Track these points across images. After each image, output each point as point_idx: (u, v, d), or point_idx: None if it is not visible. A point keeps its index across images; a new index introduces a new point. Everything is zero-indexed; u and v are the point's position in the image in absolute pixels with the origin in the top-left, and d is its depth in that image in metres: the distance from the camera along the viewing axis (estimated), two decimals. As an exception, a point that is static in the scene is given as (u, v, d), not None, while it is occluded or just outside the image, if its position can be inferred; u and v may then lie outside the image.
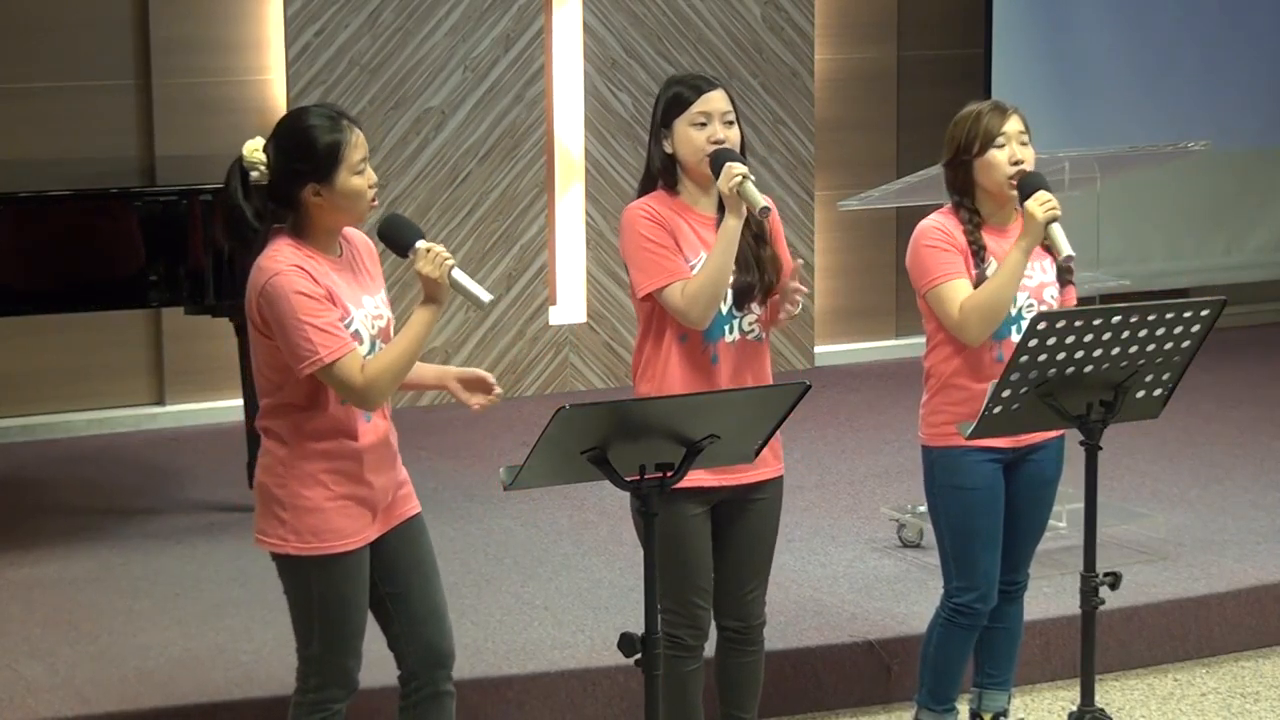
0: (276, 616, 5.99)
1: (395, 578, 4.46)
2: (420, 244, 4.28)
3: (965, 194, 5.01)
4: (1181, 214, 10.10)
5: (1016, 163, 4.94)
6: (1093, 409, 4.68)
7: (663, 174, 4.75)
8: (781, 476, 4.87)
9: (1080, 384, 4.62)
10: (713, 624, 4.86)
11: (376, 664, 5.51)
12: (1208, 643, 6.21)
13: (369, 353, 4.31)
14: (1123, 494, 7.19)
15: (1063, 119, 9.49)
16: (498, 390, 4.53)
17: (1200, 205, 10.14)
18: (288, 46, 8.53)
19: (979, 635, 5.20)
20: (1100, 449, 4.73)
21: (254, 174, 4.31)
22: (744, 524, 4.81)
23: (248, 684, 5.46)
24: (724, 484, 4.73)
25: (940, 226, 5.00)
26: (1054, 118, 9.46)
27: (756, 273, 4.73)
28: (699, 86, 4.71)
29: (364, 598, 4.43)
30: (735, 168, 4.59)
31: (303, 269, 4.24)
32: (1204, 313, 4.63)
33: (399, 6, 8.67)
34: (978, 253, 4.95)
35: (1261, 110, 10.15)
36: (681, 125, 4.69)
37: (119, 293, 6.71)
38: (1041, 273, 5.02)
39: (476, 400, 4.53)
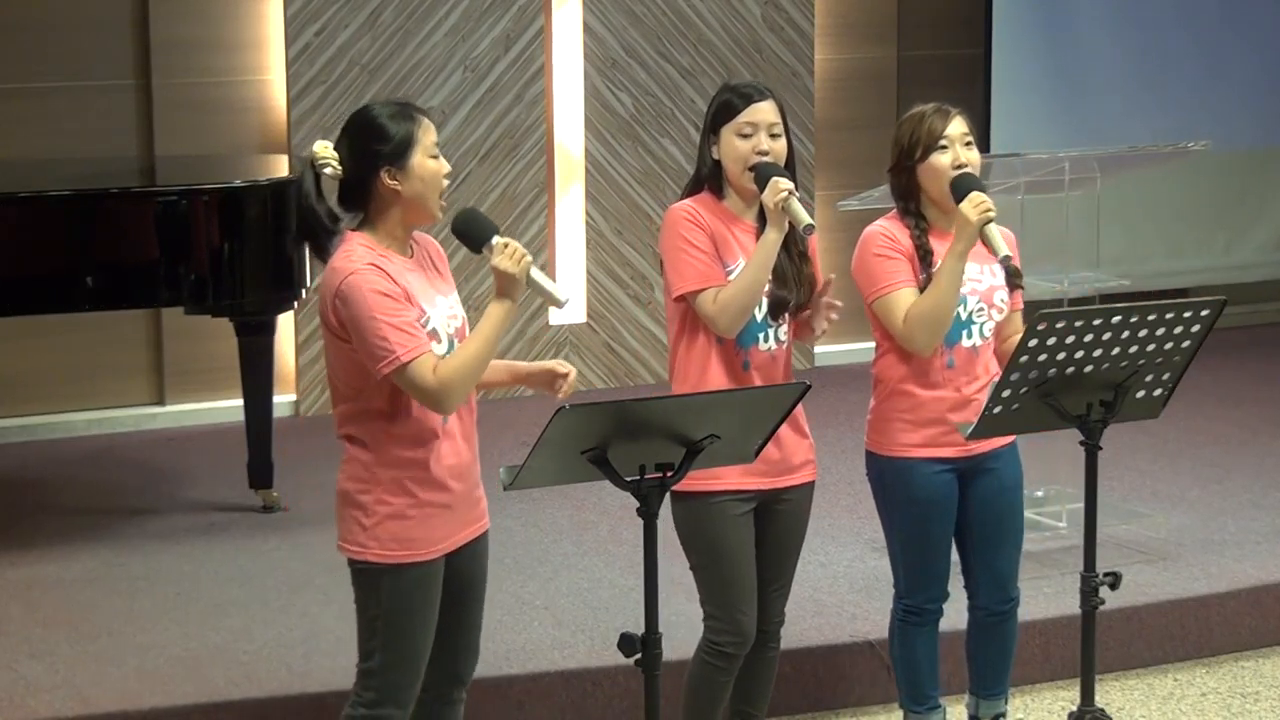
0: (276, 616, 6.00)
1: (451, 592, 4.39)
2: (497, 239, 4.24)
3: (910, 199, 4.98)
4: (1181, 214, 10.10)
5: (959, 166, 4.90)
6: (1093, 409, 4.67)
7: (710, 179, 4.76)
8: (814, 481, 4.89)
9: (1080, 384, 4.62)
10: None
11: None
12: (1208, 643, 6.21)
13: (447, 351, 4.26)
14: (1123, 494, 7.19)
15: (1063, 118, 9.49)
16: (568, 373, 4.46)
17: (1200, 205, 10.14)
18: (288, 46, 8.53)
19: (973, 651, 5.18)
20: (1100, 449, 4.73)
21: (327, 170, 4.28)
22: (777, 525, 4.82)
23: (248, 684, 5.46)
24: (765, 486, 4.74)
25: (886, 232, 4.96)
26: (1054, 117, 9.46)
27: (794, 289, 4.75)
28: (749, 96, 4.71)
29: (433, 615, 4.33)
30: (781, 183, 4.61)
31: (378, 267, 4.19)
32: (1204, 313, 4.63)
33: (399, 6, 8.67)
34: (924, 257, 4.90)
35: (1261, 110, 10.15)
36: (727, 134, 4.70)
37: (120, 293, 6.70)
38: (991, 276, 4.97)
39: (555, 391, 4.47)
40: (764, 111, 4.70)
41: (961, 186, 4.84)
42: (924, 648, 5.11)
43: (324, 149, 4.31)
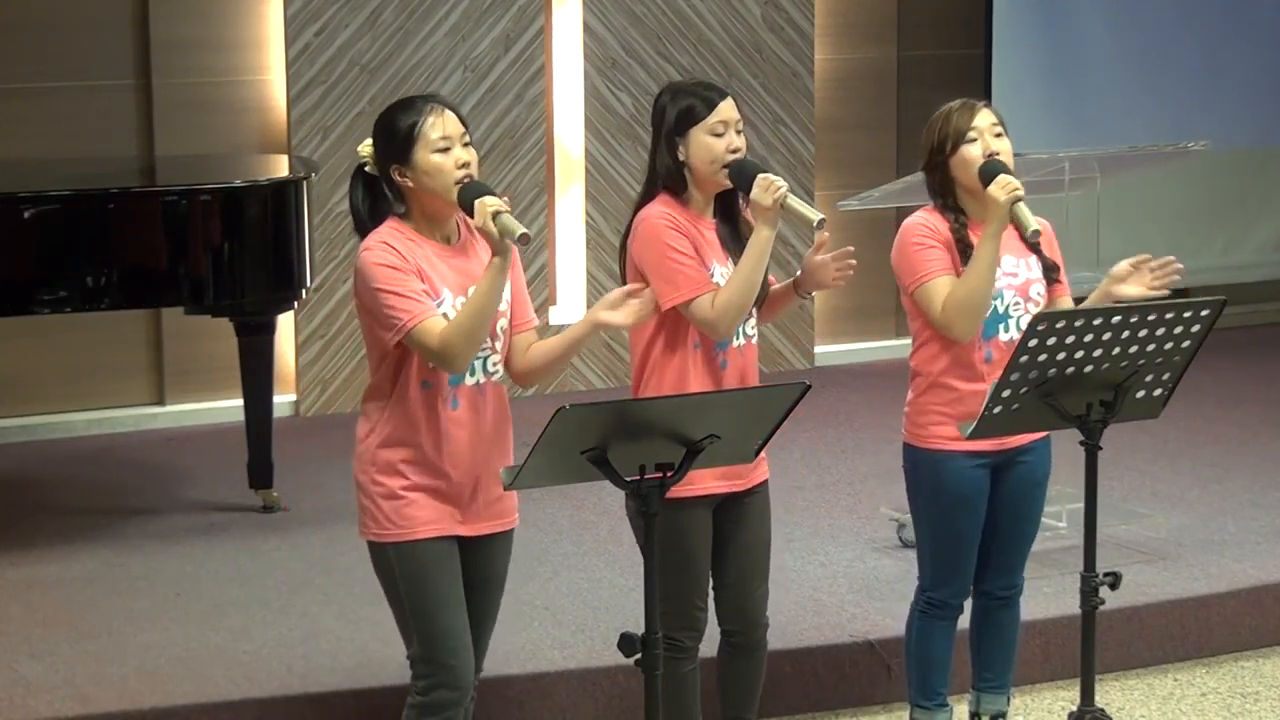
0: (276, 616, 6.00)
1: (467, 584, 4.46)
2: (479, 198, 4.29)
3: (946, 194, 5.00)
4: (1181, 214, 10.10)
5: (990, 155, 4.92)
6: (1093, 409, 4.67)
7: (671, 180, 4.74)
8: (768, 479, 4.89)
9: (1080, 384, 4.62)
10: (710, 627, 4.87)
11: (377, 662, 5.52)
12: (1208, 643, 6.21)
13: None
14: (1123, 494, 7.19)
15: (1063, 119, 9.49)
16: (637, 292, 4.42)
17: (1200, 205, 10.14)
18: (288, 46, 8.53)
19: (976, 640, 5.19)
20: (1100, 449, 4.73)
21: (366, 167, 4.46)
22: (744, 527, 4.82)
23: (248, 684, 5.46)
24: (728, 490, 4.75)
25: (925, 223, 4.98)
26: (1054, 117, 9.46)
27: (763, 282, 4.75)
28: (712, 98, 4.70)
29: (451, 590, 4.40)
30: (776, 181, 4.59)
31: (390, 245, 4.34)
32: (1204, 313, 4.63)
33: (399, 6, 8.67)
34: (964, 249, 4.93)
35: (1261, 110, 10.15)
36: (699, 134, 4.68)
37: (120, 293, 6.70)
38: (1027, 269, 5.00)
39: (626, 316, 4.40)
40: (730, 109, 4.71)
41: (989, 171, 4.87)
42: (940, 643, 5.12)
43: (364, 146, 4.47)
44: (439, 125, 4.36)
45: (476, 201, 4.29)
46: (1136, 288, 4.99)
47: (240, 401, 7.16)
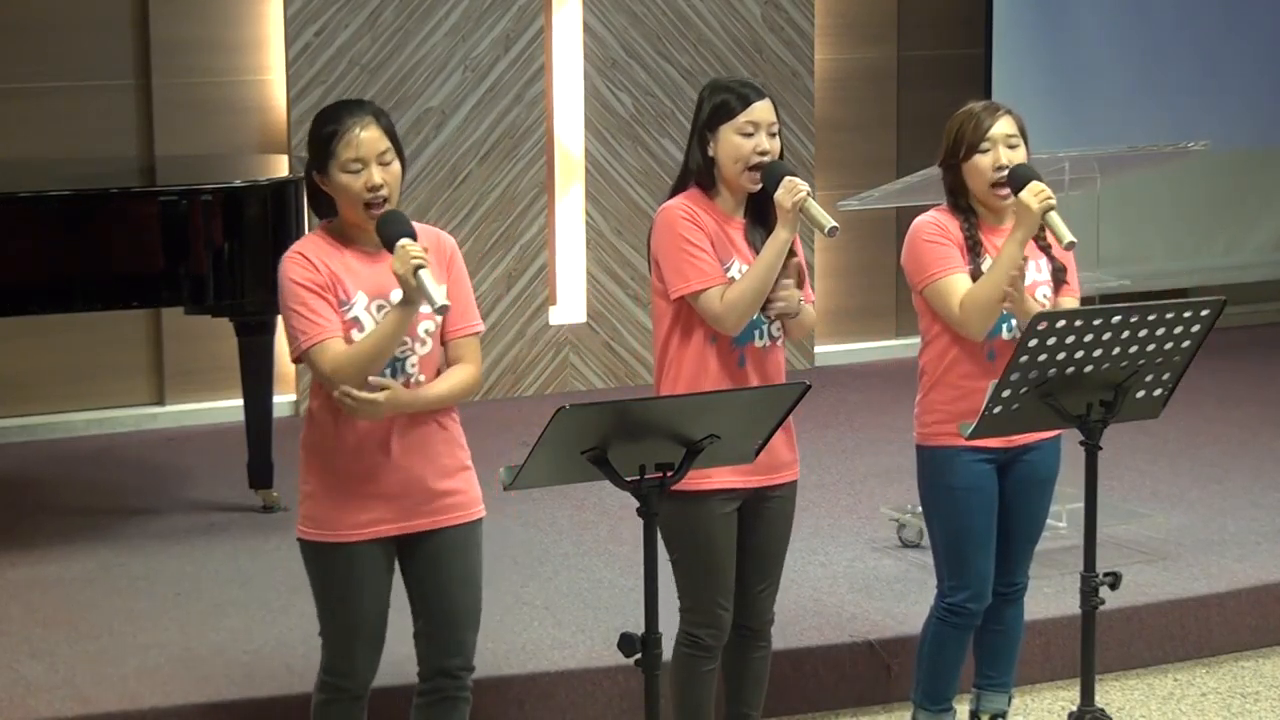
0: (276, 616, 6.00)
1: (420, 581, 4.47)
2: (400, 241, 4.26)
3: (959, 195, 5.02)
4: (1181, 214, 10.10)
5: (1001, 168, 4.93)
6: (1093, 409, 4.68)
7: (700, 175, 4.75)
8: (798, 479, 4.89)
9: (1080, 384, 4.62)
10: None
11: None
12: (1208, 643, 6.21)
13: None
14: (1123, 494, 7.19)
15: (1063, 119, 9.49)
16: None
17: (1200, 205, 10.14)
18: (288, 46, 8.53)
19: (978, 637, 5.20)
20: (1100, 449, 4.74)
21: None
22: (763, 523, 4.82)
23: (248, 684, 5.46)
24: (752, 484, 4.75)
25: (936, 221, 5.00)
26: (1054, 118, 9.46)
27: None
28: (747, 97, 4.71)
29: (364, 595, 4.41)
30: (800, 184, 4.62)
31: (303, 255, 4.37)
32: (1204, 313, 4.63)
33: (399, 6, 8.67)
34: (973, 247, 4.96)
35: (1261, 110, 10.15)
36: (727, 131, 4.69)
37: (120, 293, 6.70)
38: (1036, 271, 5.02)
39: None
40: (764, 110, 4.71)
41: (1020, 177, 4.88)
42: (954, 651, 5.13)
43: None
44: (353, 145, 4.32)
45: (398, 245, 4.24)
46: None
47: (240, 401, 7.16)
